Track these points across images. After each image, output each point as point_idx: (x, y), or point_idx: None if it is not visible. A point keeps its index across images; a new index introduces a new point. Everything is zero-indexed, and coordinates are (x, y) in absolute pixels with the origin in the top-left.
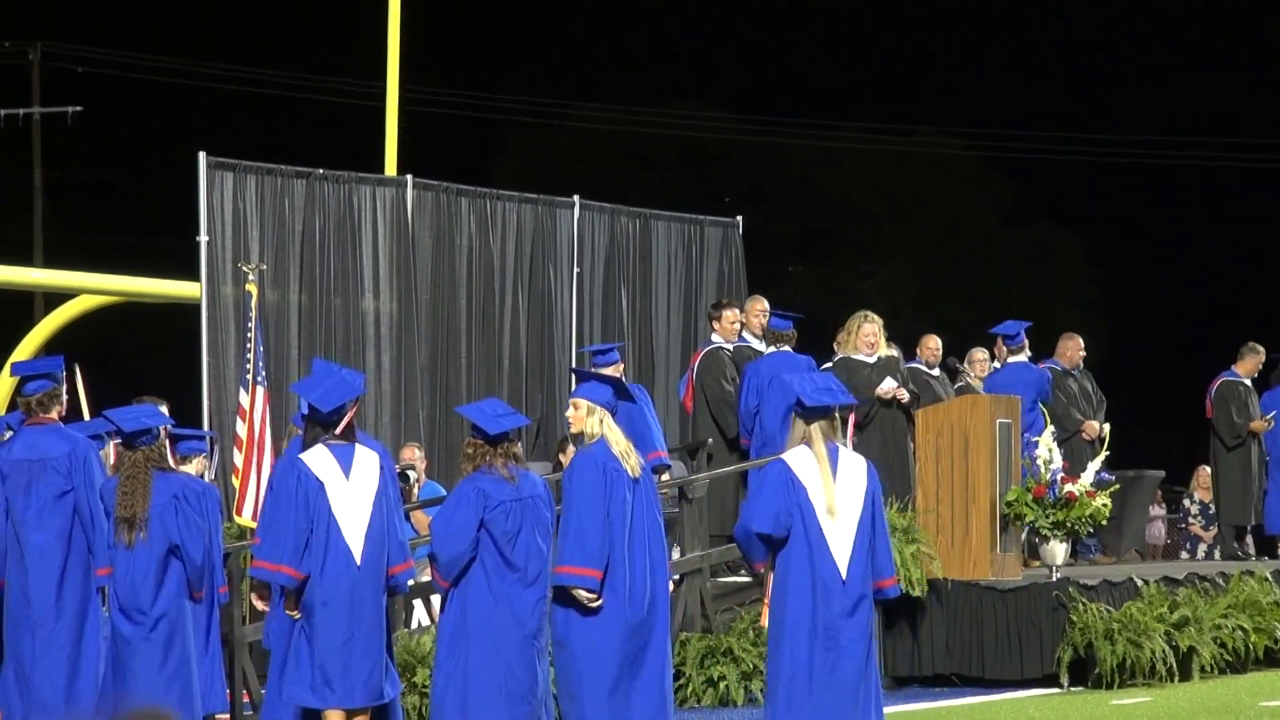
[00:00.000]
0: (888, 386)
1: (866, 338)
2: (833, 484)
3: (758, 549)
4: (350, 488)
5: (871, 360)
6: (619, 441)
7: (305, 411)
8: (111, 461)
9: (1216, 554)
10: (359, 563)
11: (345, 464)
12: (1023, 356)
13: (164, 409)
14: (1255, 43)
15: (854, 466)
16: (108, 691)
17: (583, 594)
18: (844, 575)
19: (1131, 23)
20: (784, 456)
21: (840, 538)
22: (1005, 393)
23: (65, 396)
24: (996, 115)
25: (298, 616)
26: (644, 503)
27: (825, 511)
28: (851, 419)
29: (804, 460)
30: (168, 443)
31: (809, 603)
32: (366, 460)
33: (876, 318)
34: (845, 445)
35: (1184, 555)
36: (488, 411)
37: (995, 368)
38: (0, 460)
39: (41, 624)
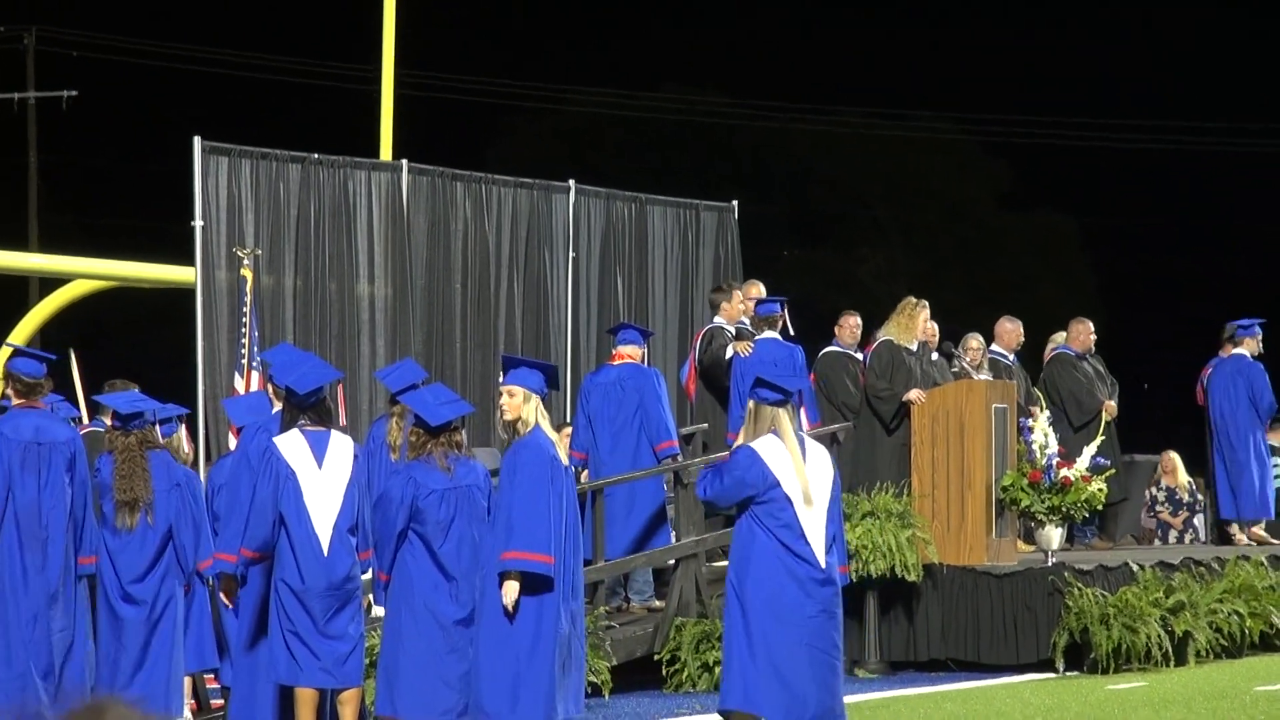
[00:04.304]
0: (917, 394)
1: (926, 324)
2: (805, 472)
3: (726, 500)
4: (322, 476)
5: (914, 348)
6: (550, 430)
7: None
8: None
9: (1187, 539)
10: (326, 552)
11: (319, 451)
12: (1242, 349)
13: (135, 392)
14: (1252, 25)
15: (819, 454)
16: (105, 676)
17: (511, 585)
18: (821, 562)
19: (1129, 6)
20: (752, 444)
21: (815, 526)
22: (1224, 385)
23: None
24: (993, 100)
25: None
26: (572, 495)
27: (803, 500)
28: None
29: (775, 449)
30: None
31: (787, 590)
32: (341, 446)
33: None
34: (804, 430)
35: (1156, 543)
36: (430, 401)
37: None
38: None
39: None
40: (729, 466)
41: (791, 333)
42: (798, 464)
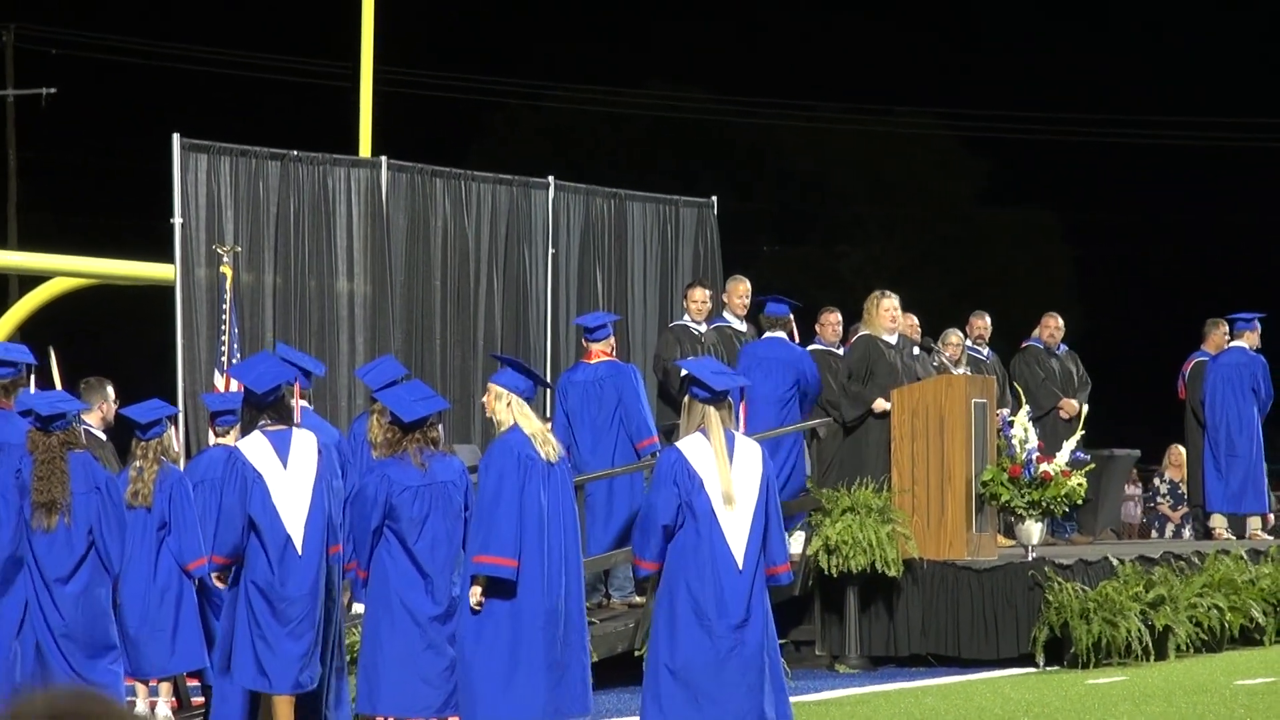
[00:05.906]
0: (883, 405)
1: (888, 313)
2: (729, 472)
3: (657, 542)
4: (289, 476)
5: (894, 341)
6: (531, 427)
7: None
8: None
9: (1185, 533)
10: (300, 552)
11: (283, 451)
12: (1241, 342)
13: (109, 389)
14: (1232, 22)
15: (749, 453)
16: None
17: (475, 589)
18: (740, 564)
19: (1115, 2)
20: (679, 445)
21: (736, 527)
22: (1227, 377)
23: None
24: (973, 95)
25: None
26: (559, 491)
27: (723, 501)
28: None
29: (699, 448)
30: (85, 428)
31: (705, 592)
32: (304, 444)
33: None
34: (739, 429)
35: (1153, 535)
36: (405, 397)
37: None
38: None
39: None
40: (653, 479)
41: (796, 338)
42: (721, 464)
